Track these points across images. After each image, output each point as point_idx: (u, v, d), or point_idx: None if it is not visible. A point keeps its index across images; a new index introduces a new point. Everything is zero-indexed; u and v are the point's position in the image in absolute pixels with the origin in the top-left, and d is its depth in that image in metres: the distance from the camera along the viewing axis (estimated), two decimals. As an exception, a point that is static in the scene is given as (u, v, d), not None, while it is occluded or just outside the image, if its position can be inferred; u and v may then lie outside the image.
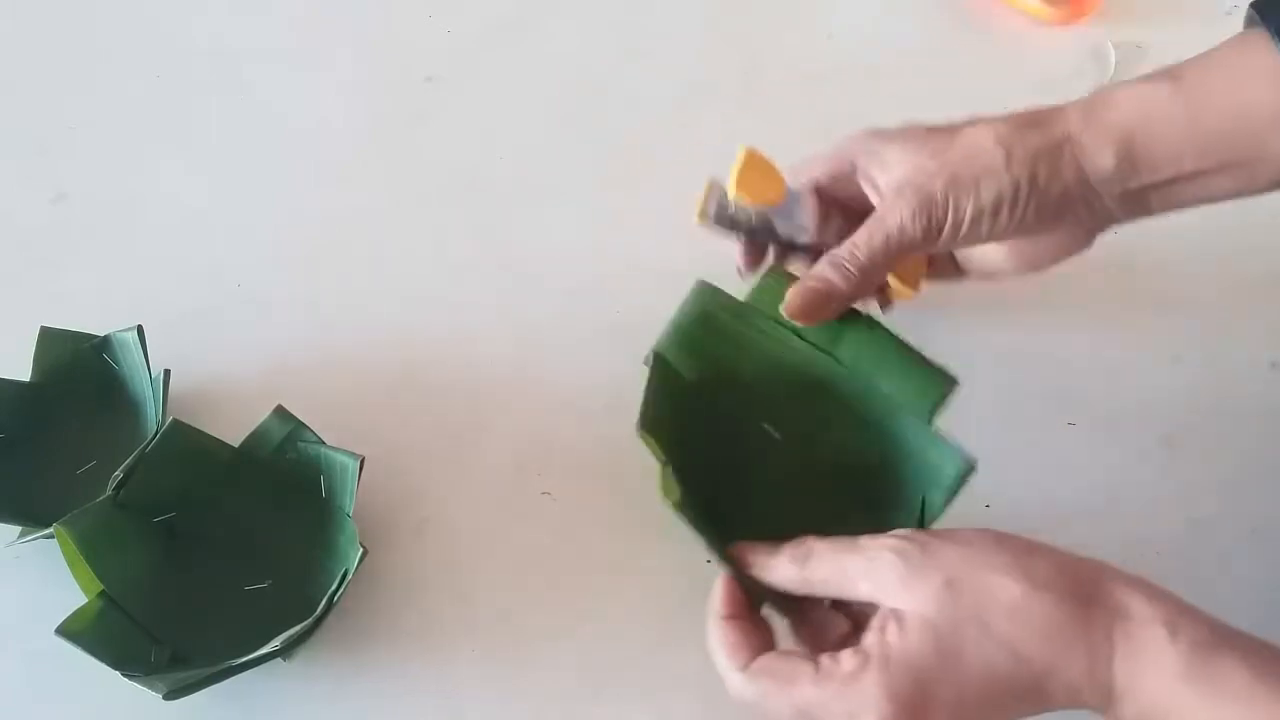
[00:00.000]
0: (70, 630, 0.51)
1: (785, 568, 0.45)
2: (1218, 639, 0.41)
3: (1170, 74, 0.49)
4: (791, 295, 0.50)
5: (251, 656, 0.51)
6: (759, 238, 0.56)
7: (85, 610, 0.52)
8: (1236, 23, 0.50)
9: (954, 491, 0.49)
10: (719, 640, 0.44)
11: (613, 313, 0.65)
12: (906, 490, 0.50)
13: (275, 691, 0.53)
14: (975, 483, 0.50)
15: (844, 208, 0.55)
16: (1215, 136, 0.48)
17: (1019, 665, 0.41)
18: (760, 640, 0.44)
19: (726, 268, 0.57)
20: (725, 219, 0.55)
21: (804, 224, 0.54)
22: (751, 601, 0.46)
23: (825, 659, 0.42)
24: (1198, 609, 0.42)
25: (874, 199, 0.53)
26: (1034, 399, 0.60)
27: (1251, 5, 0.49)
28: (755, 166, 0.53)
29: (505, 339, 0.64)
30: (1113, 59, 0.72)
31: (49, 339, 0.61)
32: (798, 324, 0.51)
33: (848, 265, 0.50)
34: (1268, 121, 0.47)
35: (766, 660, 0.43)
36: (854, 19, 0.77)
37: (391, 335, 0.64)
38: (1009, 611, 0.41)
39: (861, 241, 0.50)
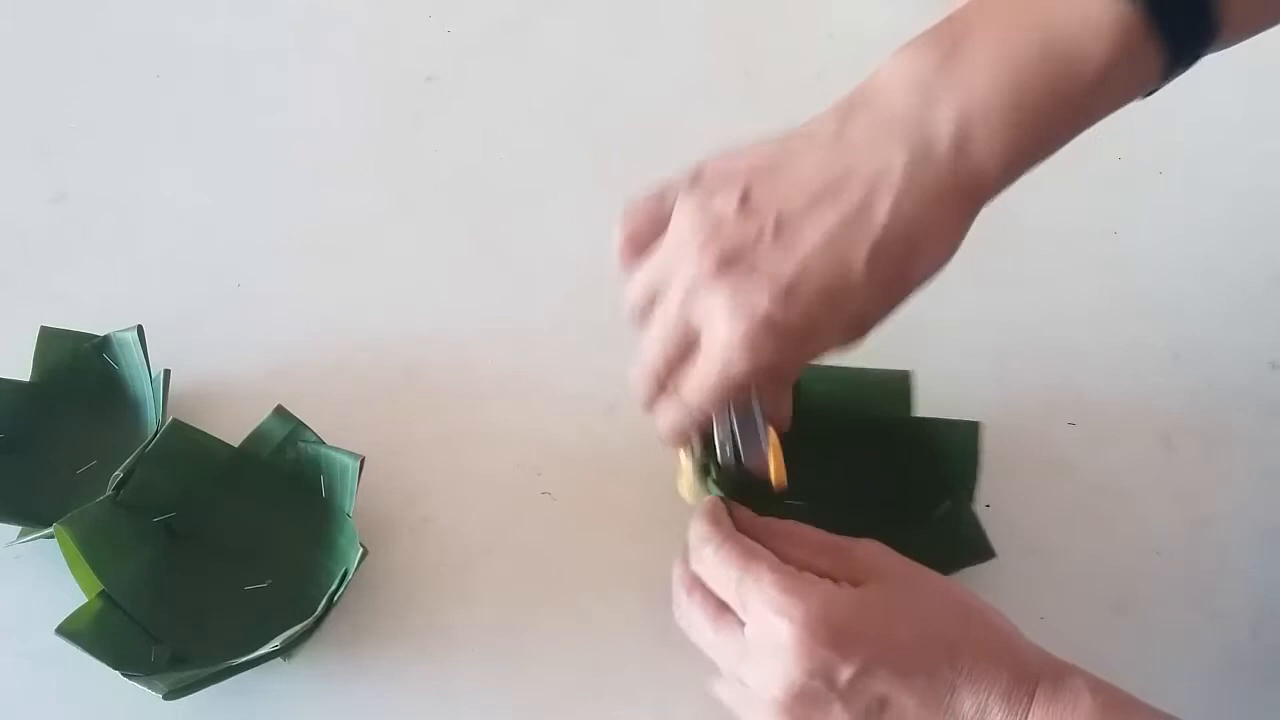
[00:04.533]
0: (70, 630, 0.51)
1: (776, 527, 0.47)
2: (1136, 704, 0.42)
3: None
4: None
5: (251, 656, 0.51)
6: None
7: (85, 610, 0.52)
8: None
9: (975, 458, 0.52)
10: (711, 504, 0.47)
11: (613, 313, 0.64)
12: (937, 483, 0.53)
13: (275, 691, 0.53)
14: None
15: None
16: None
17: (946, 656, 0.42)
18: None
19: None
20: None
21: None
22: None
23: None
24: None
25: None
26: (1034, 399, 0.60)
27: None
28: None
29: (505, 339, 0.64)
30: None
31: (49, 339, 0.61)
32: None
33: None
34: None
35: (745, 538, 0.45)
36: (854, 19, 0.77)
37: (391, 335, 0.64)
38: (962, 609, 0.44)
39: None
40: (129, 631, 0.53)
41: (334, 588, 0.52)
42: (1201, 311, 0.63)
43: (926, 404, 0.56)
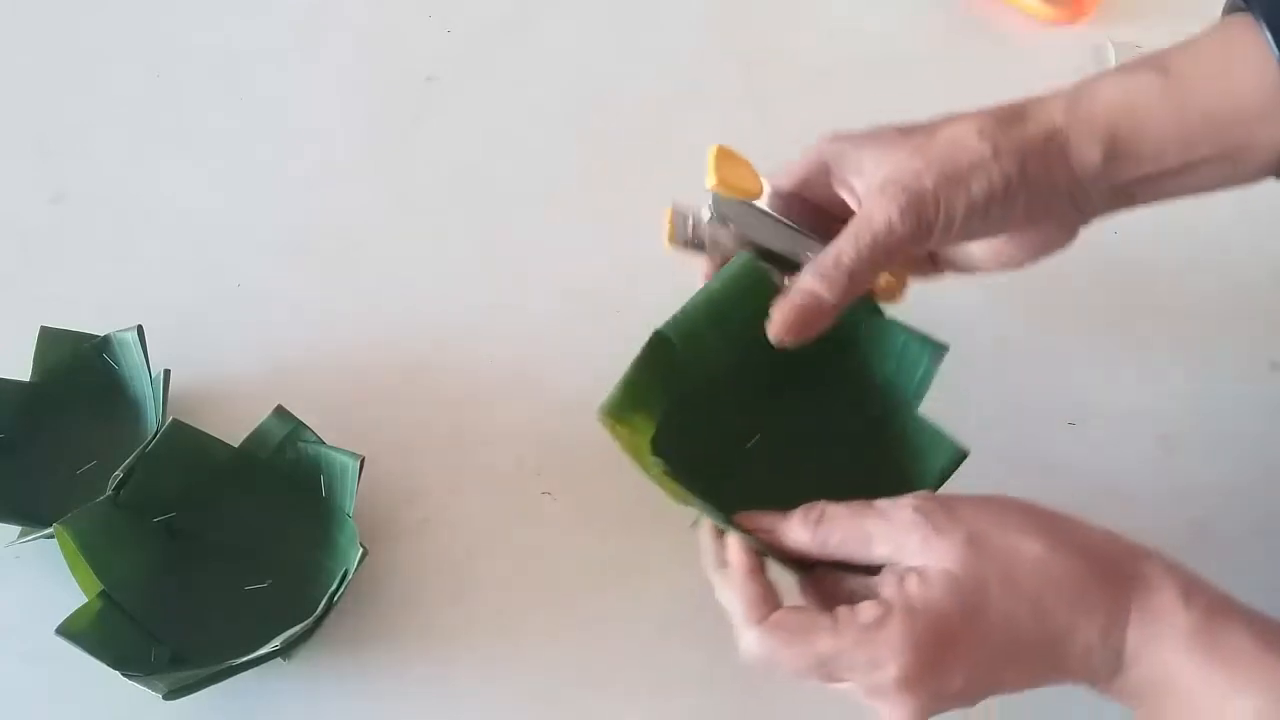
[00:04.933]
0: (70, 630, 0.51)
1: (798, 531, 0.45)
2: (1228, 608, 0.41)
3: (1155, 64, 0.48)
4: (778, 317, 0.48)
5: (251, 656, 0.51)
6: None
7: (85, 610, 0.52)
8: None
9: (944, 478, 0.49)
10: (740, 594, 0.44)
11: (613, 313, 0.65)
12: (898, 478, 0.51)
13: (275, 691, 0.53)
14: (975, 482, 0.50)
15: (818, 215, 0.53)
16: (1202, 128, 0.47)
17: (1041, 621, 0.41)
18: (773, 598, 0.44)
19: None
20: (699, 238, 0.52)
21: (791, 224, 0.52)
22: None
23: (843, 610, 0.42)
24: (1210, 583, 0.42)
25: (852, 203, 0.51)
26: (1034, 399, 0.60)
27: None
28: (729, 160, 0.51)
29: (505, 339, 0.64)
30: (1113, 59, 0.72)
31: (49, 339, 0.61)
32: (787, 344, 0.48)
33: (834, 273, 0.47)
34: (1255, 111, 0.46)
35: (782, 615, 0.43)
36: (854, 18, 0.77)
37: (391, 335, 0.64)
38: (1033, 568, 0.41)
39: (847, 245, 0.47)
40: (129, 631, 0.53)
41: (334, 588, 0.52)
42: (1201, 312, 0.63)
43: (926, 404, 0.56)
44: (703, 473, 0.48)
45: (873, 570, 0.44)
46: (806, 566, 0.46)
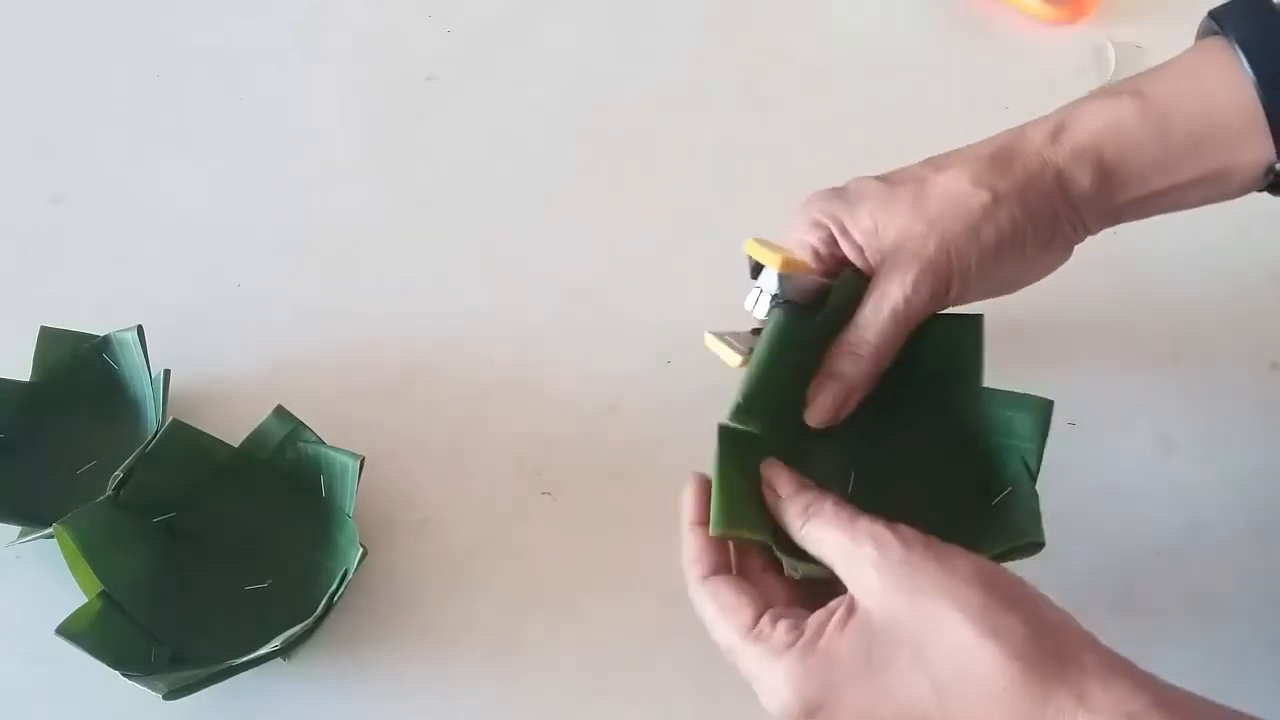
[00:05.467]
0: (70, 630, 0.51)
1: (792, 516, 0.45)
2: (1176, 700, 0.38)
3: (1133, 90, 0.48)
4: (814, 406, 0.49)
5: (251, 656, 0.51)
6: None
7: (85, 610, 0.52)
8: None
9: (1044, 436, 0.50)
10: (688, 545, 0.45)
11: (613, 313, 0.65)
12: (997, 458, 0.51)
13: (275, 691, 0.53)
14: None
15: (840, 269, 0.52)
16: (1184, 153, 0.48)
17: (939, 709, 0.39)
18: (725, 559, 0.45)
19: (725, 265, 0.56)
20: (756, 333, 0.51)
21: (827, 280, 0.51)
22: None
23: (766, 618, 0.42)
24: (1174, 697, 0.39)
25: (860, 263, 0.51)
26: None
27: (1210, 14, 0.49)
28: (767, 245, 0.50)
29: (505, 339, 0.64)
30: (1113, 59, 0.72)
31: (49, 339, 0.61)
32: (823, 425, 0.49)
33: (859, 352, 0.48)
34: (1234, 134, 0.47)
35: (722, 582, 0.44)
36: (854, 19, 0.77)
37: (391, 335, 0.64)
38: (951, 653, 0.39)
39: (868, 322, 0.48)
40: (129, 631, 0.53)
41: (334, 588, 0.52)
42: (1201, 311, 0.63)
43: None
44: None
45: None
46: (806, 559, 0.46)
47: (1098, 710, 0.37)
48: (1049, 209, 0.49)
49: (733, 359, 0.49)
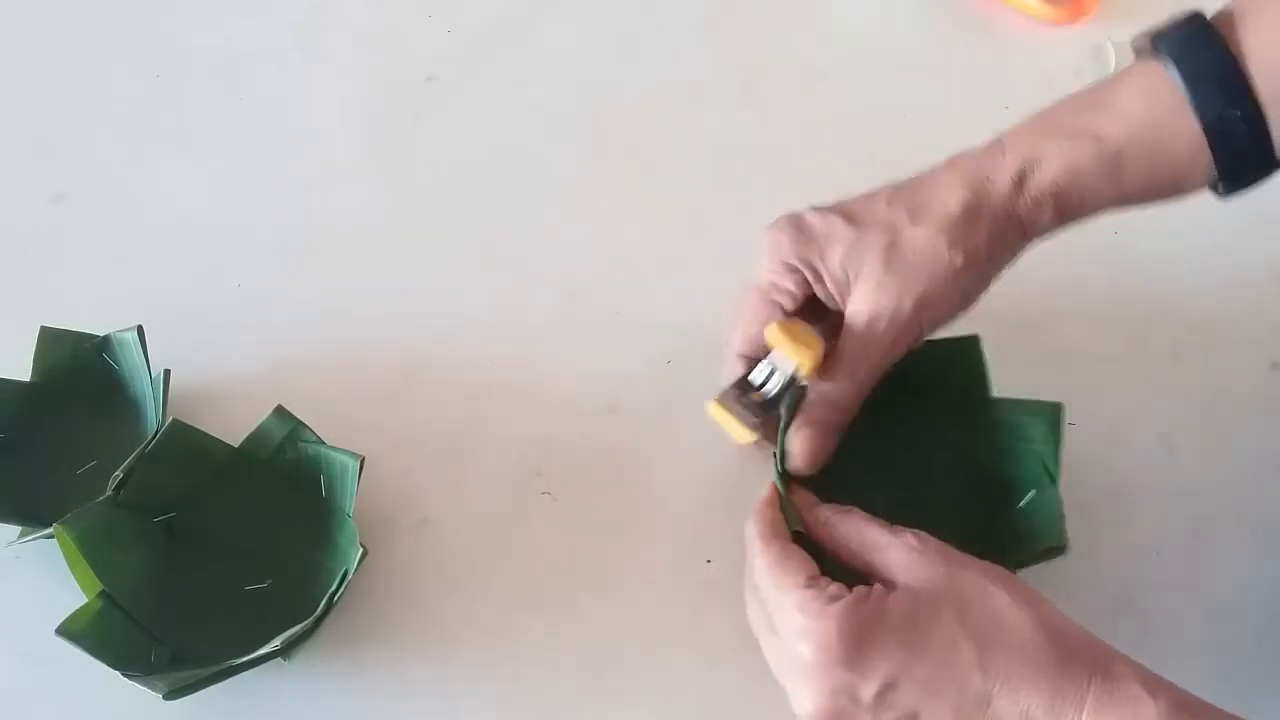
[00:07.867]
0: (70, 630, 0.51)
1: (817, 525, 0.48)
2: (1195, 705, 0.41)
3: (1091, 133, 0.49)
4: (797, 454, 0.50)
5: (251, 656, 0.51)
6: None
7: (85, 610, 0.52)
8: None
9: (1059, 438, 0.53)
10: (762, 505, 0.49)
11: (613, 313, 0.65)
12: (1017, 464, 0.54)
13: (275, 691, 0.53)
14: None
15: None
16: (1137, 187, 0.50)
17: (981, 668, 0.42)
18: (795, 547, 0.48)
19: (725, 265, 0.56)
20: (773, 406, 0.52)
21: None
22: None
23: (822, 579, 0.45)
24: (1175, 685, 0.42)
25: (830, 304, 0.52)
26: (1034, 399, 0.60)
27: (1150, 36, 0.50)
28: (793, 330, 0.51)
29: (505, 339, 0.64)
30: (1113, 59, 0.72)
31: (49, 339, 0.61)
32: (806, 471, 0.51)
33: (839, 402, 0.51)
34: (1183, 163, 0.49)
35: (791, 544, 0.47)
36: (854, 19, 0.77)
37: (391, 335, 0.64)
38: (991, 615, 0.43)
39: (844, 374, 0.50)
40: (129, 631, 0.53)
41: (334, 588, 0.52)
42: (1201, 311, 0.63)
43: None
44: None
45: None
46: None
47: (1112, 673, 0.41)
48: (1011, 252, 0.51)
49: (743, 435, 0.50)
